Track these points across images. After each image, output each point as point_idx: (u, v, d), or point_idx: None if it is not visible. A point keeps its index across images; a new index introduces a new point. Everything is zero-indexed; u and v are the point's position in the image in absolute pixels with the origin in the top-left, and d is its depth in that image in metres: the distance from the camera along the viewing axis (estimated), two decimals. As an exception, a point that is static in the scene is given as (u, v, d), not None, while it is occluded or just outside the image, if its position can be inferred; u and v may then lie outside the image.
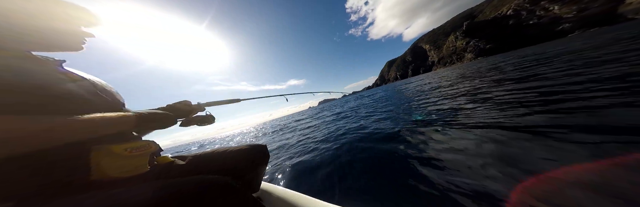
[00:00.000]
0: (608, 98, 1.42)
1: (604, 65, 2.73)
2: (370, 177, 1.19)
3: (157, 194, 0.32)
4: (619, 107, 1.23)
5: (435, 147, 1.35)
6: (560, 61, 4.38)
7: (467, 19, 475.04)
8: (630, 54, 3.32)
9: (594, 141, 0.93)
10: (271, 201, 0.81)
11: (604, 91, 1.59)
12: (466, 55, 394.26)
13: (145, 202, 0.30)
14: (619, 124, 1.03)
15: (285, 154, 2.45)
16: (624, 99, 1.34)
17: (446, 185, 0.91)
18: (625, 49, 4.04)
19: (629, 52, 3.49)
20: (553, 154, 0.91)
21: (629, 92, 1.43)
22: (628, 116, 1.10)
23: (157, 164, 0.54)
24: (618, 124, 1.03)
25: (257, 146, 0.75)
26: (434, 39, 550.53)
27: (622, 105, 1.25)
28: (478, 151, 1.11)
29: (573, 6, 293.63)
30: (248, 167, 0.70)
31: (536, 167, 0.86)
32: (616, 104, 1.28)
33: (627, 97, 1.34)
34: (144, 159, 0.47)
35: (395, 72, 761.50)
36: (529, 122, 1.32)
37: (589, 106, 1.36)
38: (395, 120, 2.67)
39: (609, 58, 3.32)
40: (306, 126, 5.40)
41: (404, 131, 1.94)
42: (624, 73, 2.03)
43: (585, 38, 15.01)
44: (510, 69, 5.29)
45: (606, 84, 1.79)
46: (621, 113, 1.14)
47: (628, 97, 1.34)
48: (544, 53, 8.24)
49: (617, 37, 8.64)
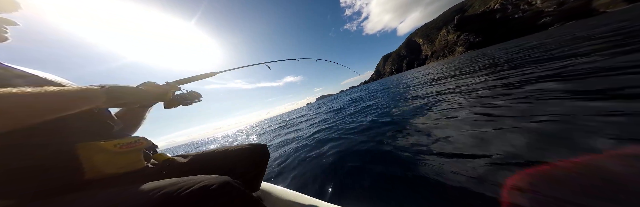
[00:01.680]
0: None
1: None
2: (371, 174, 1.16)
3: (159, 194, 0.31)
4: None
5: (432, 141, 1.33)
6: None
7: (458, 13, 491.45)
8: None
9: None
10: (271, 201, 0.81)
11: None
12: (457, 49, 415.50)
13: (146, 201, 0.30)
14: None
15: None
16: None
17: (445, 177, 0.90)
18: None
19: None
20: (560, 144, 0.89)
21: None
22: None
23: (155, 162, 0.53)
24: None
25: (257, 145, 0.75)
26: (427, 33, 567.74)
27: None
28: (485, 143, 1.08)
29: (553, 0, 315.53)
30: (249, 166, 0.70)
31: (536, 158, 0.84)
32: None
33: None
34: (137, 154, 0.46)
35: (390, 67, 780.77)
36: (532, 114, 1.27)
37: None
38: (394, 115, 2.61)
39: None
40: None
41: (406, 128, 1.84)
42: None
43: (561, 31, 16.50)
44: (501, 61, 5.43)
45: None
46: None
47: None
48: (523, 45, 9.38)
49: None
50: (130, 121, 0.62)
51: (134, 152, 0.45)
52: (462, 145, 1.13)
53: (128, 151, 0.43)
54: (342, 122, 3.31)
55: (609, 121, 0.93)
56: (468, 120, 1.49)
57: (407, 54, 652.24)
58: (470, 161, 0.96)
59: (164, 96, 0.58)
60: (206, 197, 0.32)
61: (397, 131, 1.82)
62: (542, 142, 0.92)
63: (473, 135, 1.20)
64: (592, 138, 0.84)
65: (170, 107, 0.67)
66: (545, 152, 0.85)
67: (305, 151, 2.14)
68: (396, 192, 0.93)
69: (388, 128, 2.02)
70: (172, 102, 0.67)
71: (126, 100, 0.46)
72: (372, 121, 2.64)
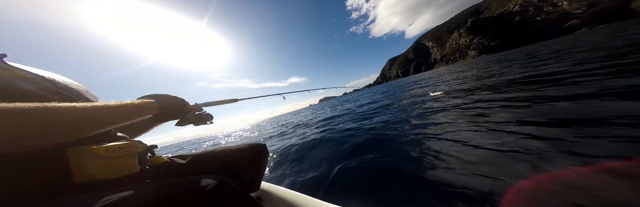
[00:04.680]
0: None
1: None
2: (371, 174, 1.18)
3: (154, 195, 0.30)
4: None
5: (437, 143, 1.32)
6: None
7: (472, 15, 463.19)
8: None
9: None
10: (271, 201, 0.80)
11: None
12: (469, 53, 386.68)
13: (141, 203, 0.29)
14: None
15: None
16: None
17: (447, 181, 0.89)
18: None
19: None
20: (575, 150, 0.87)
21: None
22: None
23: (152, 165, 0.53)
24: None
25: (256, 144, 0.75)
26: (438, 36, 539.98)
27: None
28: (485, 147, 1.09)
29: (583, 1, 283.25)
30: (248, 166, 0.70)
31: (547, 164, 0.82)
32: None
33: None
34: (131, 159, 0.45)
35: (396, 70, 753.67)
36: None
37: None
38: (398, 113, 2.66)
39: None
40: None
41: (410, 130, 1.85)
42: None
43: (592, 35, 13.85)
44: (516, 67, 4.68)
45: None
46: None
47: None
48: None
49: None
50: (137, 128, 0.62)
51: (128, 157, 0.44)
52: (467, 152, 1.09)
53: (121, 156, 0.42)
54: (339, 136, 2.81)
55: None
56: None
57: (415, 57, 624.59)
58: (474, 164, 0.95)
59: (185, 113, 0.63)
60: (202, 199, 0.32)
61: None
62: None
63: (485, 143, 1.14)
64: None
65: (182, 125, 0.70)
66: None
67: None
68: (396, 192, 0.94)
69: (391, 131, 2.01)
70: (186, 121, 0.69)
71: (172, 110, 0.53)
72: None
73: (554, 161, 0.84)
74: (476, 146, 1.14)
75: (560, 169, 0.78)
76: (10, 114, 0.25)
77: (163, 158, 0.56)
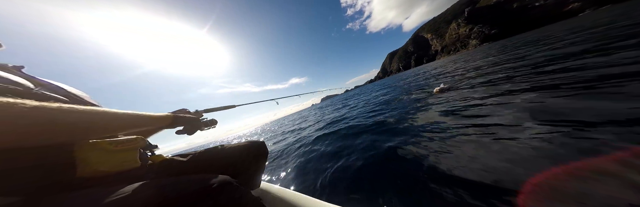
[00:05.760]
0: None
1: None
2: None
3: (157, 193, 0.31)
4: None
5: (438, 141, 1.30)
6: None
7: (468, 5, 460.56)
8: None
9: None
10: (271, 201, 0.81)
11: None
12: (471, 42, 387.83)
13: (145, 201, 0.29)
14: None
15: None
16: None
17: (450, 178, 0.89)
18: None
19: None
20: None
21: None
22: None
23: (152, 163, 0.54)
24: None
25: (255, 142, 0.75)
26: (436, 27, 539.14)
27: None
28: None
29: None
30: (248, 164, 0.71)
31: (555, 159, 0.79)
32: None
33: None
34: (133, 153, 0.46)
35: (397, 64, 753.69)
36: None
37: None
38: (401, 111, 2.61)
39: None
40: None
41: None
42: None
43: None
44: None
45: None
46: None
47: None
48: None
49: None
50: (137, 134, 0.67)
51: (130, 151, 0.45)
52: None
53: (123, 150, 0.43)
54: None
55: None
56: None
57: (415, 49, 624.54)
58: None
59: (200, 126, 0.67)
60: (206, 197, 0.32)
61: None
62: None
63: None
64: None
65: (191, 133, 0.74)
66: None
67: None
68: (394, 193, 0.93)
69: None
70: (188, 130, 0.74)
71: (182, 125, 0.57)
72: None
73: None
74: (499, 138, 1.08)
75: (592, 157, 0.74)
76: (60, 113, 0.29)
77: (163, 156, 0.58)
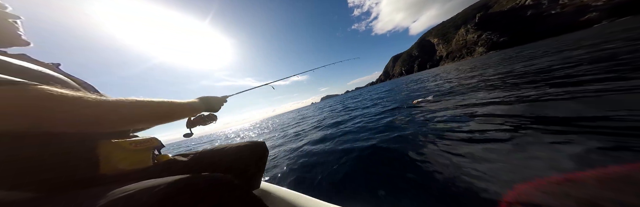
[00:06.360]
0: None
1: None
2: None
3: (163, 191, 0.31)
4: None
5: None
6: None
7: (481, 10, 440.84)
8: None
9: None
10: (271, 201, 0.81)
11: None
12: (477, 49, 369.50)
13: (151, 198, 0.30)
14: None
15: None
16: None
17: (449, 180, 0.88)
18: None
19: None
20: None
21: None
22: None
23: (158, 162, 0.55)
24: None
25: (256, 142, 0.77)
26: (443, 32, 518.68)
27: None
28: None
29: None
30: (248, 164, 0.72)
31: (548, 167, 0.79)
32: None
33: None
34: (148, 153, 0.49)
35: (400, 68, 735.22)
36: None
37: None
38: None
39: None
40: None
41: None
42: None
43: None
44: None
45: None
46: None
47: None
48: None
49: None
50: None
51: (146, 150, 0.49)
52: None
53: (141, 149, 0.47)
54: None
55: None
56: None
57: (420, 54, 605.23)
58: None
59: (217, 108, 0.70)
60: (209, 195, 0.33)
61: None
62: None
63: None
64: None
65: (191, 127, 0.75)
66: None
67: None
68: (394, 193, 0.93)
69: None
70: (195, 123, 0.76)
71: (214, 107, 0.63)
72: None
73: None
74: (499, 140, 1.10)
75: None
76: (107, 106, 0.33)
77: (168, 156, 0.61)
